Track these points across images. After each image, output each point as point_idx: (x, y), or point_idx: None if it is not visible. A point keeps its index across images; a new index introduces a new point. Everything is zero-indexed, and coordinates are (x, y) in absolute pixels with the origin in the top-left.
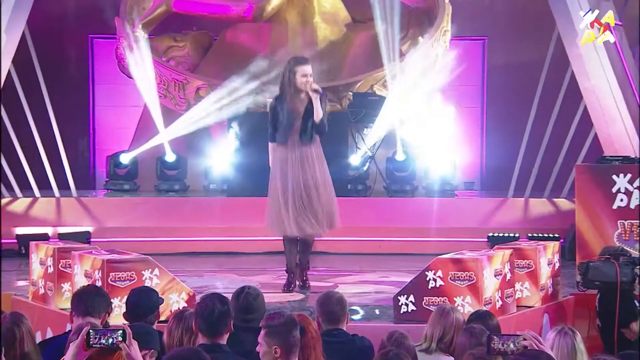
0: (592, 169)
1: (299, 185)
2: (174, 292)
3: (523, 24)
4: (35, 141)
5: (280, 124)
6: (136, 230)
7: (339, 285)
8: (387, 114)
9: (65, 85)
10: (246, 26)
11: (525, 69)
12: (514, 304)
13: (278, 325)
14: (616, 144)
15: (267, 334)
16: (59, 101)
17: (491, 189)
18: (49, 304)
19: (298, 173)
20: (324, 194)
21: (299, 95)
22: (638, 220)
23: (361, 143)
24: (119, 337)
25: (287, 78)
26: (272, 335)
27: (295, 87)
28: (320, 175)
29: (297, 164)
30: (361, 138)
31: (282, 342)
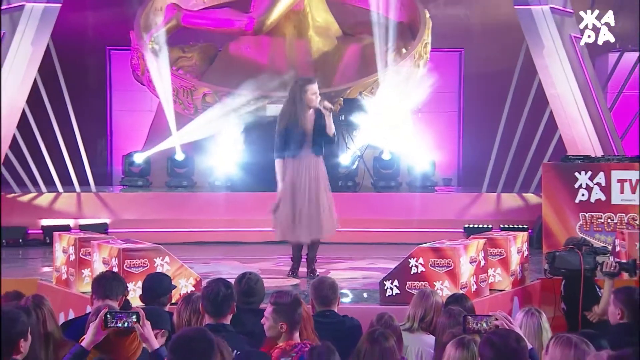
0: (557, 167)
1: (311, 196)
2: (182, 278)
3: (495, 37)
4: (58, 142)
5: (293, 140)
6: (149, 222)
7: (331, 271)
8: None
9: (85, 91)
10: (247, 39)
11: (497, 78)
12: (487, 288)
13: (286, 303)
14: (578, 145)
15: (275, 311)
16: (79, 106)
17: (467, 184)
18: (71, 288)
19: (310, 184)
20: (327, 201)
21: (308, 111)
22: (597, 213)
23: (351, 143)
24: (133, 319)
25: (298, 96)
26: (279, 312)
27: (305, 104)
28: (324, 184)
29: (307, 176)
30: (351, 139)
31: (288, 319)
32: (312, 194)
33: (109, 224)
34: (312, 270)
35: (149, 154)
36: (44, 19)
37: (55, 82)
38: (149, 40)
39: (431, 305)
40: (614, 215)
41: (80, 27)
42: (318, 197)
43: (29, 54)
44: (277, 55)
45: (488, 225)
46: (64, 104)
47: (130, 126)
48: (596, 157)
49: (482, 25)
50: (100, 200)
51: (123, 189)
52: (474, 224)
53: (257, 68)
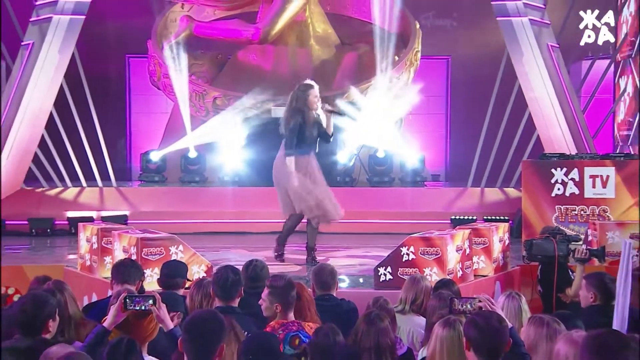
0: (535, 164)
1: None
2: (195, 264)
3: (479, 46)
4: (82, 141)
5: (305, 138)
6: (164, 214)
7: (330, 258)
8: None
9: (107, 95)
10: (254, 47)
11: (481, 83)
12: (472, 274)
13: (280, 286)
14: (554, 144)
15: (270, 293)
16: (101, 108)
17: (453, 180)
18: (94, 273)
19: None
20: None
21: (311, 113)
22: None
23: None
24: (150, 302)
25: (303, 100)
26: (274, 295)
27: (309, 106)
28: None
29: (316, 168)
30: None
31: (282, 301)
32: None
33: (128, 216)
34: (313, 257)
35: (165, 152)
36: (70, 30)
37: (79, 87)
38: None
39: (421, 289)
40: (586, 207)
41: (102, 37)
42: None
43: (56, 61)
44: (281, 63)
45: (472, 217)
46: (88, 107)
47: (147, 127)
48: (571, 155)
49: (467, 35)
50: (120, 194)
51: (141, 184)
52: (460, 215)
53: (263, 74)
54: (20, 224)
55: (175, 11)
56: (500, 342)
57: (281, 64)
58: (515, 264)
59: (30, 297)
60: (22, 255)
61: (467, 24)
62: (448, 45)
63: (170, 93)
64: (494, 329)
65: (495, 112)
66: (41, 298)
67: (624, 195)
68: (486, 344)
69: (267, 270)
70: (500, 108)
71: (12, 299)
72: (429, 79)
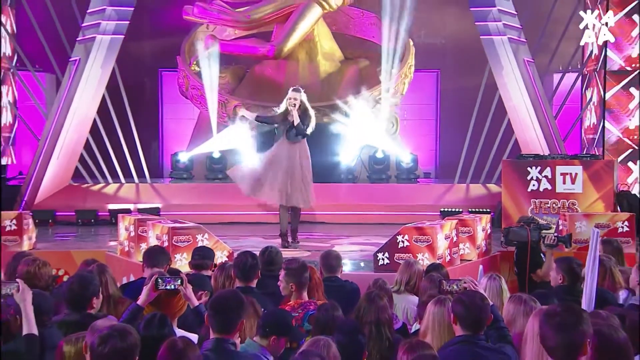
0: (514, 163)
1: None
2: (218, 250)
3: (465, 60)
4: (121, 144)
5: (278, 128)
6: (192, 207)
7: (335, 245)
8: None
9: (142, 104)
10: (269, 62)
11: (466, 92)
12: (459, 258)
13: (294, 268)
14: (530, 146)
15: (286, 274)
16: (137, 115)
17: (443, 177)
18: (131, 258)
19: (286, 161)
20: (306, 179)
21: (289, 111)
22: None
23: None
24: (178, 282)
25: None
26: (289, 276)
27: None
28: (304, 165)
29: (285, 154)
30: None
31: (296, 281)
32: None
33: (160, 208)
34: (295, 238)
35: (192, 153)
36: (110, 48)
37: (118, 97)
38: (192, 63)
39: (414, 272)
40: (557, 201)
41: (138, 53)
42: (293, 173)
43: (98, 75)
44: (292, 75)
45: (459, 209)
46: (126, 114)
47: (177, 131)
48: (544, 155)
49: (454, 51)
50: (153, 189)
51: (171, 180)
52: (448, 208)
53: (277, 85)
54: (68, 215)
55: (201, 31)
56: (482, 317)
57: (292, 77)
58: (496, 250)
59: (77, 277)
60: (70, 242)
61: (454, 42)
62: (437, 60)
63: (197, 102)
64: (477, 306)
65: (479, 118)
66: (87, 278)
67: (589, 190)
68: (470, 318)
69: (281, 256)
70: (483, 114)
71: (62, 279)
72: (421, 89)
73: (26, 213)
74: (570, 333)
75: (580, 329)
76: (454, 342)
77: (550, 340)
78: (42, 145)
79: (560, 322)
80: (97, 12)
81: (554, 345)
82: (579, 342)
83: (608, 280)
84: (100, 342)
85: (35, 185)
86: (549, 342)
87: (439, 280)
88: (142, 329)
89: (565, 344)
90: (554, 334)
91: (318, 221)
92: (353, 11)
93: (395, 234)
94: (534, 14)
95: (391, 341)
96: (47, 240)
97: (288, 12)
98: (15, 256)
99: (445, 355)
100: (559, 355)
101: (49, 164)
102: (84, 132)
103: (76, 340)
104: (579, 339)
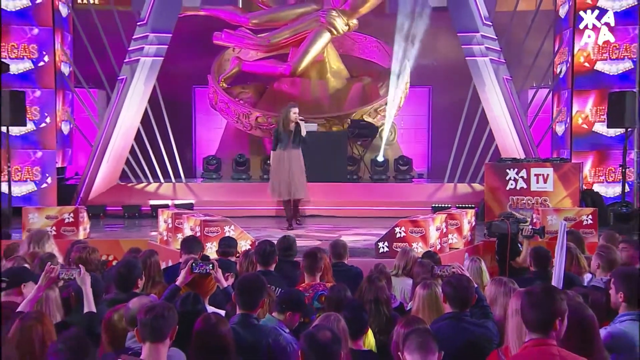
0: (494, 165)
1: (289, 172)
2: (242, 240)
3: (453, 77)
4: (160, 149)
5: (282, 139)
6: (220, 202)
7: (342, 235)
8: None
9: (178, 115)
10: (286, 79)
11: (454, 105)
12: (448, 247)
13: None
14: (508, 151)
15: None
16: (174, 124)
17: (434, 177)
18: (169, 246)
19: (288, 165)
20: (300, 177)
21: (291, 122)
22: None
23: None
24: (210, 266)
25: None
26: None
27: (289, 119)
28: (298, 166)
29: (287, 160)
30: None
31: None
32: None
33: (194, 204)
34: (297, 221)
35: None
36: (152, 67)
37: (158, 109)
38: (221, 81)
39: (410, 258)
40: (532, 198)
41: (175, 72)
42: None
43: (141, 91)
44: (305, 91)
45: (448, 205)
46: (164, 123)
47: (208, 138)
48: (520, 159)
49: (444, 70)
50: (188, 187)
51: (203, 180)
52: (439, 204)
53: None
54: (116, 209)
55: (228, 53)
56: (468, 297)
57: (306, 92)
58: (479, 239)
59: (124, 262)
60: (118, 232)
61: (443, 63)
62: (430, 78)
63: (224, 113)
64: (464, 287)
65: (465, 127)
66: (132, 263)
67: (559, 189)
68: (458, 298)
69: (295, 243)
70: (469, 124)
71: (111, 264)
72: (415, 102)
73: (81, 208)
74: (545, 310)
75: (553, 307)
76: (443, 318)
77: (528, 315)
78: (95, 150)
79: (537, 300)
80: (141, 38)
81: (530, 319)
82: (552, 319)
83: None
84: (146, 313)
85: (89, 184)
86: (526, 316)
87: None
88: (179, 306)
89: (540, 319)
90: (531, 309)
91: (328, 215)
92: (357, 36)
93: (393, 226)
94: (511, 39)
95: (389, 317)
96: (99, 230)
97: (302, 37)
98: (73, 244)
99: (436, 329)
100: (535, 327)
101: (100, 166)
102: (130, 139)
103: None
104: (551, 315)
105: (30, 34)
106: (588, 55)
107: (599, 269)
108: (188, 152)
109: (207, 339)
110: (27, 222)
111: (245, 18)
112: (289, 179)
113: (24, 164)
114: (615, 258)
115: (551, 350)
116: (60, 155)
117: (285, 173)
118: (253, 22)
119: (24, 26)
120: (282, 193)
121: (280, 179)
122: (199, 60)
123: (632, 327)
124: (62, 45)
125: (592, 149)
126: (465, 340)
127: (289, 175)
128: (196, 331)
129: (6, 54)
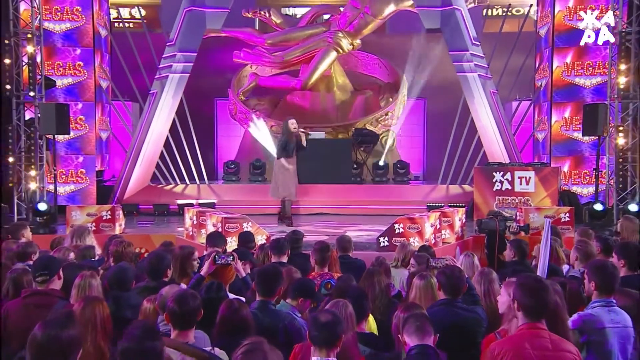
0: (482, 169)
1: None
2: (259, 235)
3: (445, 90)
4: (187, 154)
5: (289, 148)
6: (239, 202)
7: (347, 231)
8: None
9: (202, 124)
10: (297, 92)
11: (447, 115)
12: (441, 241)
13: (320, 249)
14: (495, 156)
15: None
16: (199, 132)
17: (429, 179)
18: (194, 240)
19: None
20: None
21: (293, 134)
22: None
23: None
24: (231, 258)
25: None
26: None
27: (291, 130)
28: (295, 172)
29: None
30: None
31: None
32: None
33: (216, 203)
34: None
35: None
36: (180, 83)
37: (185, 119)
38: (239, 94)
39: (408, 251)
40: (516, 197)
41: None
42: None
43: (170, 103)
44: (315, 103)
45: (441, 204)
46: (190, 132)
47: (228, 145)
48: (505, 163)
49: (438, 84)
50: (210, 188)
51: (224, 182)
52: (433, 203)
53: (303, 110)
54: (148, 207)
55: (246, 70)
56: (460, 285)
57: (315, 104)
58: (469, 235)
59: (155, 254)
60: (149, 228)
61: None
62: (425, 91)
63: (243, 123)
64: (456, 277)
65: (456, 135)
66: (162, 255)
67: (540, 190)
68: (450, 286)
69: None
70: (459, 132)
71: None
72: (412, 113)
73: (117, 206)
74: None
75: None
76: (438, 304)
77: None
78: (129, 155)
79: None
80: (170, 57)
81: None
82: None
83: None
84: (174, 304)
85: (124, 185)
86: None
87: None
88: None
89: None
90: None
91: (334, 213)
92: (360, 54)
93: (392, 222)
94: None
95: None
96: (132, 226)
97: (312, 55)
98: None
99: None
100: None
101: (134, 170)
102: (159, 146)
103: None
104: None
105: (74, 54)
106: (565, 71)
107: (577, 260)
108: (210, 157)
109: (231, 322)
110: (70, 219)
111: (262, 39)
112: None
113: (68, 168)
114: (591, 251)
115: (542, 334)
116: (99, 160)
117: (290, 178)
118: (268, 42)
119: (68, 47)
120: (292, 194)
121: (286, 183)
122: (220, 75)
123: (601, 312)
124: (101, 63)
125: (569, 155)
126: (457, 324)
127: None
128: (221, 315)
129: (53, 71)
